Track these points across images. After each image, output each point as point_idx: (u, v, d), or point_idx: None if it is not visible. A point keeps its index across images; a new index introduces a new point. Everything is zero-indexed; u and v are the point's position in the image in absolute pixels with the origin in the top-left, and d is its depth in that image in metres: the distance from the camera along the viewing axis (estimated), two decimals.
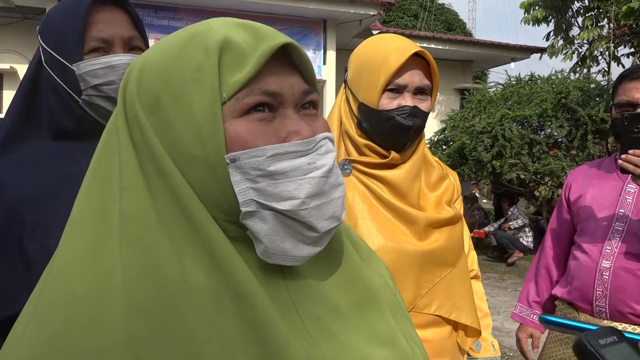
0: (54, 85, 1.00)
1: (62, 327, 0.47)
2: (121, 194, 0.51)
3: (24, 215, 0.93)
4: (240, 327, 0.47)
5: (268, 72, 0.51)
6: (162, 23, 8.57)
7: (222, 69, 0.50)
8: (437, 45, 11.30)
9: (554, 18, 11.48)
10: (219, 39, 0.50)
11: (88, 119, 1.01)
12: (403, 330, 0.60)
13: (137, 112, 0.52)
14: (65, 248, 0.52)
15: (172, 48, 0.52)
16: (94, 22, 0.99)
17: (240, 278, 0.48)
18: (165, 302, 0.47)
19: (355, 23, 9.43)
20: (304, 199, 0.49)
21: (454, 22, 19.60)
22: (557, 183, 7.21)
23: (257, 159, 0.49)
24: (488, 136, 7.49)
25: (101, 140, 0.55)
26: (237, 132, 0.49)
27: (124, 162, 0.52)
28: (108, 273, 0.48)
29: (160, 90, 0.51)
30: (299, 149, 0.50)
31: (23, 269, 0.91)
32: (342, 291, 0.57)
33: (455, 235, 1.19)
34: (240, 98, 0.49)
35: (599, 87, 7.78)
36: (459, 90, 12.23)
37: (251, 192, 0.49)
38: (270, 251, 0.50)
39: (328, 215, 0.52)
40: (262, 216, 0.50)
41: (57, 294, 0.49)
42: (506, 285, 6.82)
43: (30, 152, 1.00)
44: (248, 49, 0.50)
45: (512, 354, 4.38)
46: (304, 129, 0.52)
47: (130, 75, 0.54)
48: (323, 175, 0.51)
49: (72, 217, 0.54)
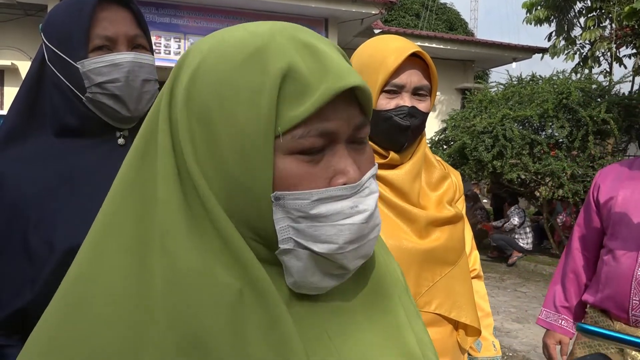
0: (57, 83, 1.01)
1: (94, 330, 0.47)
2: (157, 205, 0.50)
3: (27, 211, 0.93)
4: (267, 351, 0.47)
5: (328, 106, 0.48)
6: (164, 20, 8.56)
7: (281, 99, 0.47)
8: (438, 45, 11.29)
9: (556, 18, 11.46)
10: (283, 64, 0.47)
11: (91, 116, 1.02)
12: (418, 336, 0.60)
13: (179, 119, 0.50)
14: (99, 253, 0.51)
15: (232, 58, 0.49)
16: (98, 20, 0.99)
17: (271, 304, 0.48)
18: (200, 319, 0.46)
19: (357, 22, 9.42)
20: (342, 245, 0.49)
21: (455, 21, 19.58)
22: (558, 183, 7.21)
23: (301, 201, 0.48)
24: (489, 136, 7.48)
25: (140, 138, 0.53)
26: (286, 172, 0.48)
27: (161, 169, 0.50)
28: (149, 283, 0.48)
29: (212, 102, 0.48)
30: (344, 193, 0.49)
31: (26, 265, 0.91)
32: (367, 305, 0.57)
33: (456, 234, 1.19)
34: (297, 137, 0.48)
35: (600, 88, 7.77)
36: (460, 90, 12.22)
37: (291, 231, 0.49)
38: (298, 284, 0.51)
39: (361, 255, 0.52)
40: (298, 254, 0.50)
41: (92, 299, 0.48)
42: (506, 286, 6.82)
43: (33, 148, 1.00)
44: (313, 81, 0.47)
45: (511, 354, 4.38)
46: (351, 169, 0.50)
47: (182, 72, 0.52)
48: (364, 222, 0.50)
49: (107, 220, 0.52)
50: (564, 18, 11.38)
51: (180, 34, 8.65)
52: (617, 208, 1.64)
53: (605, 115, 6.92)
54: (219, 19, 8.65)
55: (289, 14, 8.80)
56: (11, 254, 0.93)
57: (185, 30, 8.67)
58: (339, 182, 0.50)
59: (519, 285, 6.87)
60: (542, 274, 7.48)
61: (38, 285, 0.90)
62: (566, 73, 8.26)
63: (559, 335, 1.84)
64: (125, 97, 1.00)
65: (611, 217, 1.66)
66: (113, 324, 0.47)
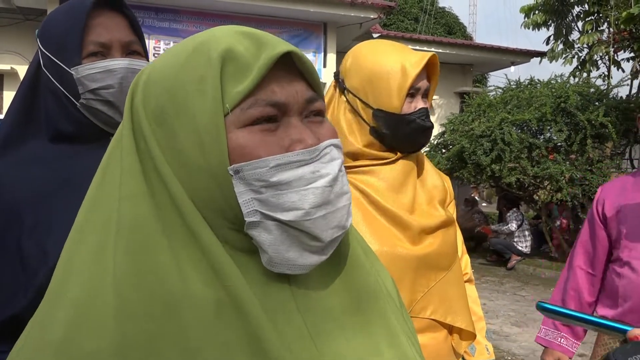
0: (52, 89, 1.01)
1: (61, 332, 0.48)
2: (120, 203, 0.51)
3: (22, 216, 0.93)
4: (236, 337, 0.47)
5: (272, 80, 0.50)
6: (163, 25, 8.58)
7: (225, 80, 0.49)
8: (437, 49, 11.30)
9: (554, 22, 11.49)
10: (221, 49, 0.50)
11: (86, 122, 1.02)
12: (406, 336, 0.60)
13: (141, 122, 0.52)
14: (69, 257, 0.53)
15: (178, 59, 0.53)
16: (93, 27, 0.99)
17: (236, 288, 0.48)
18: (161, 308, 0.47)
19: (356, 26, 9.45)
20: (308, 210, 0.49)
21: (454, 25, 19.63)
22: (556, 187, 7.21)
23: (260, 170, 0.49)
24: (487, 140, 7.49)
25: (108, 149, 0.56)
26: (239, 143, 0.49)
27: (125, 170, 0.52)
28: (100, 279, 0.49)
29: (165, 101, 0.51)
30: (302, 158, 0.50)
31: (20, 270, 0.91)
32: (347, 297, 0.56)
33: (448, 239, 1.20)
34: (245, 108, 0.49)
35: (598, 92, 7.79)
36: (458, 93, 12.24)
37: (255, 203, 0.49)
38: (275, 261, 0.50)
39: (333, 225, 0.51)
40: (266, 226, 0.49)
41: (58, 301, 0.50)
42: (505, 289, 6.82)
43: (29, 153, 1.00)
44: (250, 58, 0.50)
45: (510, 357, 4.38)
46: (307, 137, 0.51)
47: (138, 85, 0.55)
48: (327, 185, 0.50)
49: (77, 225, 0.54)
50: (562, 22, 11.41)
51: (180, 38, 8.67)
52: (627, 220, 1.61)
53: (604, 119, 6.94)
54: (217, 23, 8.67)
55: (287, 18, 8.82)
56: (5, 260, 0.93)
57: (185, 35, 8.69)
58: (296, 150, 0.50)
59: (518, 289, 6.87)
60: (541, 278, 7.48)
61: (31, 292, 0.90)
62: (564, 77, 8.29)
63: (557, 354, 1.79)
64: (118, 103, 1.00)
65: (621, 229, 1.62)
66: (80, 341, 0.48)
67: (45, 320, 0.50)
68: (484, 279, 7.38)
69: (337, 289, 0.56)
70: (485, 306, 5.91)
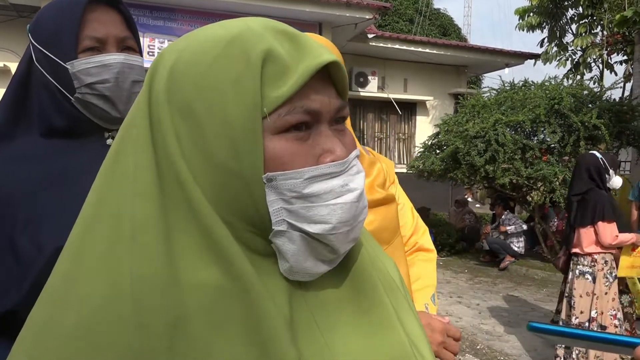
0: (45, 84, 1.00)
1: (72, 334, 0.47)
2: (133, 199, 0.49)
3: (14, 211, 0.92)
4: (250, 345, 0.47)
5: (308, 87, 0.50)
6: (158, 24, 8.55)
7: (263, 82, 0.48)
8: (432, 50, 11.34)
9: (548, 24, 11.55)
10: (262, 49, 0.48)
11: (80, 117, 1.02)
12: (410, 334, 0.59)
13: (161, 116, 0.50)
14: (77, 252, 0.51)
15: (209, 51, 0.50)
16: (88, 22, 0.99)
17: (255, 295, 0.47)
18: (176, 317, 0.46)
19: (351, 27, 9.45)
20: (335, 225, 0.50)
21: (449, 27, 19.68)
22: (550, 188, 7.25)
23: (294, 181, 0.49)
24: (481, 141, 7.52)
25: (118, 136, 0.54)
26: (276, 152, 0.48)
27: (139, 164, 0.50)
28: (116, 281, 0.47)
29: (194, 96, 0.49)
30: (334, 170, 0.50)
31: (14, 266, 0.91)
32: (348, 290, 0.57)
33: (389, 214, 1.26)
34: (282, 115, 0.48)
35: (591, 94, 7.84)
36: (453, 94, 12.27)
37: (284, 213, 0.49)
38: (293, 270, 0.51)
39: (351, 238, 0.53)
40: (291, 236, 0.50)
41: (67, 300, 0.48)
42: (498, 290, 6.85)
43: (21, 148, 1.00)
44: (291, 62, 0.49)
45: (503, 358, 4.39)
46: (337, 147, 0.51)
47: (158, 72, 0.52)
48: (355, 200, 0.51)
49: (84, 219, 0.52)
50: (556, 24, 11.48)
51: (174, 36, 8.65)
52: None
53: (597, 121, 6.98)
54: (212, 22, 8.60)
55: (282, 18, 8.82)
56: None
57: (179, 33, 8.66)
58: (327, 161, 0.50)
59: (511, 289, 6.90)
60: (533, 279, 7.51)
61: (26, 286, 0.89)
62: (558, 79, 8.33)
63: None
64: (114, 97, 1.01)
65: None
66: (89, 330, 0.46)
67: (53, 319, 0.48)
68: (477, 280, 7.41)
69: (339, 283, 0.57)
70: (479, 306, 5.94)
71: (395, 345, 0.56)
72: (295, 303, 0.52)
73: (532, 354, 4.50)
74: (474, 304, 6.07)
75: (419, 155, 9.13)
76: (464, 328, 5.09)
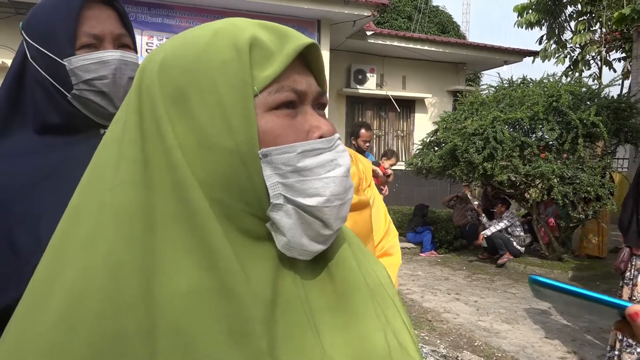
0: (40, 80, 1.01)
1: (55, 323, 0.47)
2: (116, 188, 0.51)
3: (11, 206, 0.93)
4: (229, 328, 0.47)
5: (292, 70, 0.53)
6: (156, 21, 8.54)
7: (252, 65, 0.51)
8: (430, 47, 11.34)
9: (547, 22, 11.55)
10: (247, 36, 0.52)
11: (75, 113, 1.02)
12: (392, 328, 0.60)
13: (155, 104, 0.52)
14: (61, 243, 0.52)
15: (196, 43, 0.53)
16: (85, 18, 1.00)
17: (233, 278, 0.48)
18: (155, 301, 0.47)
19: (349, 24, 9.44)
20: (329, 197, 0.52)
21: (447, 24, 19.68)
22: (548, 186, 7.26)
23: (288, 155, 0.51)
24: (480, 138, 7.52)
25: (106, 134, 0.56)
26: (269, 127, 0.51)
27: (123, 155, 0.52)
28: (95, 268, 0.48)
29: (186, 82, 0.51)
30: (324, 145, 0.54)
31: (14, 260, 0.91)
32: (333, 291, 0.58)
33: (361, 220, 1.28)
34: (272, 92, 0.52)
35: (590, 91, 7.84)
36: (451, 92, 12.27)
37: (280, 187, 0.51)
38: (291, 244, 0.53)
39: (342, 215, 0.55)
40: (287, 210, 0.52)
41: (51, 289, 0.49)
42: (496, 287, 6.86)
43: (16, 144, 1.00)
44: (274, 47, 0.52)
45: (500, 354, 4.41)
46: (323, 124, 0.55)
47: (147, 70, 0.54)
48: (344, 175, 0.54)
49: (70, 210, 0.54)
50: (555, 22, 11.48)
51: (173, 34, 8.62)
52: None
53: (595, 118, 6.98)
54: (210, 19, 8.59)
55: (281, 15, 8.81)
56: None
57: (178, 31, 8.64)
58: (315, 136, 0.54)
59: (509, 286, 6.91)
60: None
61: (24, 282, 0.89)
62: (557, 76, 8.33)
63: None
64: (112, 93, 1.02)
65: None
66: (71, 321, 0.47)
67: (38, 308, 0.49)
68: (475, 277, 7.42)
69: (325, 284, 0.58)
70: (477, 303, 5.95)
71: (374, 334, 0.57)
72: (282, 284, 0.53)
73: (529, 350, 4.52)
74: (471, 300, 6.08)
75: (418, 152, 9.13)
76: (461, 325, 5.10)
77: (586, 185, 6.96)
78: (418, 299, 5.90)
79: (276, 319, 0.51)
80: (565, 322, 5.33)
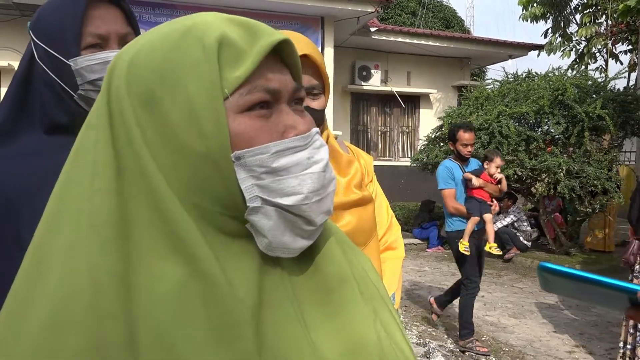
0: (47, 81, 1.01)
1: (39, 331, 0.47)
2: (92, 196, 0.50)
3: (19, 208, 0.93)
4: (213, 331, 0.47)
5: (265, 68, 0.51)
6: (161, 20, 8.56)
7: (221, 65, 0.49)
8: (435, 42, 11.29)
9: (552, 15, 11.47)
10: (216, 35, 0.50)
11: (82, 113, 1.02)
12: (380, 319, 0.60)
13: (123, 108, 0.50)
14: (42, 249, 0.51)
15: (165, 42, 0.51)
16: (91, 18, 1.00)
17: (213, 280, 0.48)
18: (137, 306, 0.47)
19: (353, 20, 9.42)
20: (307, 194, 0.51)
21: (452, 19, 19.58)
22: (554, 180, 7.23)
23: (261, 156, 0.50)
24: (485, 133, 7.50)
25: (78, 137, 0.54)
26: (241, 129, 0.50)
27: (98, 161, 0.51)
28: (77, 275, 0.48)
29: (155, 84, 0.50)
30: (299, 143, 0.52)
31: (20, 262, 0.92)
32: (319, 286, 0.57)
33: (365, 216, 1.26)
34: (244, 94, 0.50)
35: (595, 84, 7.79)
36: (456, 87, 12.22)
37: (256, 189, 0.50)
38: (272, 245, 0.52)
39: (324, 209, 0.54)
40: (266, 212, 0.51)
41: (33, 297, 0.49)
42: (503, 282, 6.85)
43: (24, 145, 1.01)
44: (245, 45, 0.50)
45: (507, 349, 4.41)
46: (299, 123, 0.53)
47: (116, 71, 0.52)
48: (322, 170, 0.53)
49: (48, 214, 0.53)
50: (560, 15, 11.40)
51: None
52: None
53: (601, 111, 6.94)
54: None
55: (285, 12, 8.80)
56: (4, 251, 0.93)
57: None
58: (290, 136, 0.52)
59: (516, 281, 6.90)
60: None
61: None
62: (562, 70, 8.28)
63: None
64: None
65: None
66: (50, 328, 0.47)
67: (20, 316, 0.49)
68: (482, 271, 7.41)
69: (312, 277, 0.57)
70: (484, 298, 5.94)
71: (353, 351, 0.56)
72: (268, 280, 0.52)
73: (536, 344, 4.51)
74: (479, 295, 6.07)
75: (423, 148, 9.11)
76: None
77: (593, 178, 6.92)
78: (425, 295, 5.90)
79: (263, 316, 0.50)
80: (573, 316, 5.32)
